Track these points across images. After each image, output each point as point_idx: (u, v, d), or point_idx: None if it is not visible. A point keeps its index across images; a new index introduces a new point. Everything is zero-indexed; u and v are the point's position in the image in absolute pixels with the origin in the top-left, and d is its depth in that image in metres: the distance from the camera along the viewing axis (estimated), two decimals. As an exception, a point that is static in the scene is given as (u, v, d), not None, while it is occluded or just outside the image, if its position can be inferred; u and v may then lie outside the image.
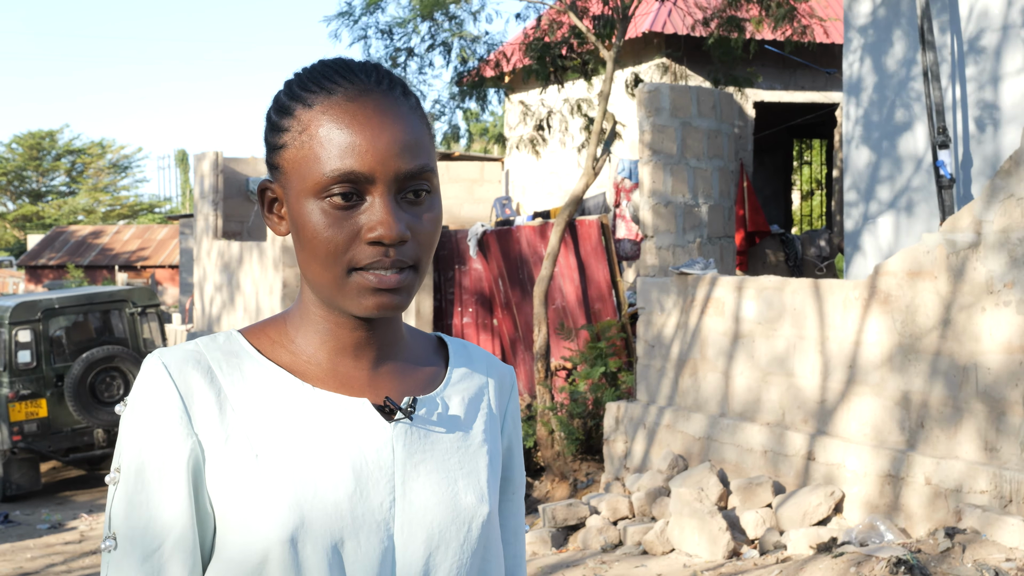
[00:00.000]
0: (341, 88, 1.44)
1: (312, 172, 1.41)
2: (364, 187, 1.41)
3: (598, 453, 11.04)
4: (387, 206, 1.41)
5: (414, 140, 1.44)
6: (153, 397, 1.42)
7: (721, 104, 12.28)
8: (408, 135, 1.44)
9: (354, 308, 1.44)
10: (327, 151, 1.41)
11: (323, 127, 1.42)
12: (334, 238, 1.41)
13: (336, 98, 1.43)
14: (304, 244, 1.44)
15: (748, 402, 8.86)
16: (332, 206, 1.41)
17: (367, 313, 1.44)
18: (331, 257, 1.42)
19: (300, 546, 1.39)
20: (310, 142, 1.42)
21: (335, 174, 1.40)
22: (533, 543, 8.59)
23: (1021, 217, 6.76)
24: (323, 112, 1.43)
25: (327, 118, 1.42)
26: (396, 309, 1.44)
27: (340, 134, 1.41)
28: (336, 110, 1.42)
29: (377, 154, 1.41)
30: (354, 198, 1.41)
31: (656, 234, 11.54)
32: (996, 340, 6.93)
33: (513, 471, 1.68)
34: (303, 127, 1.43)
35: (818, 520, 7.65)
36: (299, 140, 1.43)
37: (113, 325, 14.20)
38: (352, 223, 1.41)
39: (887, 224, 10.42)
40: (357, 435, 1.47)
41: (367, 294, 1.42)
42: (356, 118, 1.42)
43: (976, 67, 9.56)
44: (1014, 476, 6.63)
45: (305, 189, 1.42)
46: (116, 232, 40.70)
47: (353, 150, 1.40)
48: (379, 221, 1.40)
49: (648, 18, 15.51)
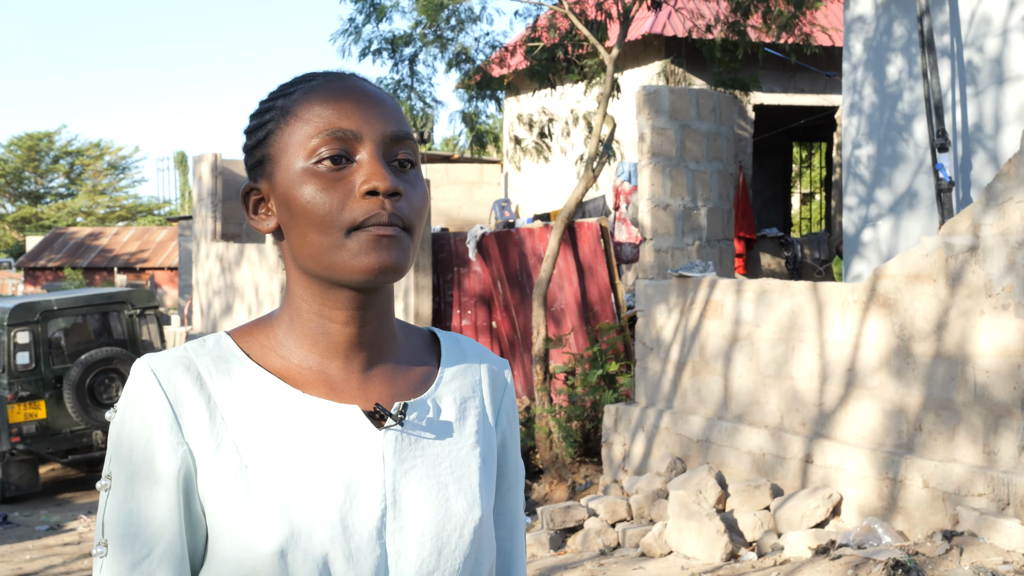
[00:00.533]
0: (320, 77, 1.49)
1: (300, 140, 1.44)
2: (352, 146, 1.44)
3: (596, 455, 11.04)
4: (378, 160, 1.43)
5: (395, 111, 1.49)
6: (143, 404, 1.41)
7: (720, 107, 12.29)
8: (389, 107, 1.48)
9: (354, 272, 1.42)
10: (313, 119, 1.44)
11: (307, 103, 1.46)
12: (329, 200, 1.42)
13: (316, 83, 1.48)
14: (297, 216, 1.44)
15: (746, 405, 8.86)
16: (325, 168, 1.43)
17: (369, 273, 1.42)
18: (328, 219, 1.42)
19: (290, 558, 1.38)
20: (295, 119, 1.45)
21: (324, 135, 1.43)
22: (531, 545, 8.60)
23: (1020, 220, 6.77)
24: (305, 94, 1.47)
25: (309, 97, 1.46)
26: (396, 269, 1.42)
27: (324, 103, 1.45)
28: (318, 90, 1.47)
29: (363, 115, 1.45)
30: (343, 160, 1.43)
31: (655, 237, 11.55)
32: (994, 344, 6.94)
33: (508, 467, 1.67)
34: (286, 111, 1.47)
35: (816, 523, 7.65)
36: (282, 122, 1.46)
37: (112, 327, 14.19)
38: (345, 183, 1.43)
39: (886, 227, 10.43)
40: (347, 443, 1.46)
41: (368, 250, 1.41)
42: (339, 91, 1.46)
43: (976, 70, 9.57)
44: (1012, 479, 6.64)
45: (294, 159, 1.44)
46: (115, 234, 40.69)
47: (339, 111, 1.44)
48: (371, 173, 1.42)
49: (647, 21, 15.52)
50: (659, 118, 11.53)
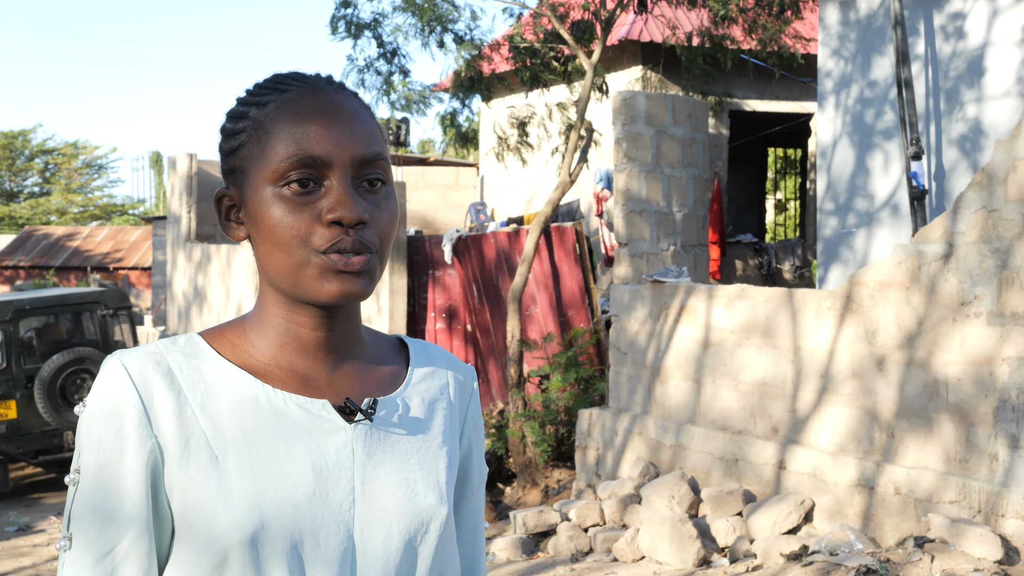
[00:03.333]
0: (294, 87, 1.49)
1: (269, 162, 1.44)
2: (321, 172, 1.44)
3: (570, 460, 11.04)
4: (345, 188, 1.43)
5: (367, 130, 1.48)
6: (113, 398, 1.42)
7: (696, 113, 12.31)
8: (361, 126, 1.48)
9: (317, 294, 1.44)
10: (283, 140, 1.44)
11: (278, 120, 1.45)
12: (295, 224, 1.42)
13: (289, 95, 1.47)
14: (264, 235, 1.45)
15: (720, 410, 8.88)
16: (291, 192, 1.43)
17: (330, 298, 1.44)
18: (293, 243, 1.43)
19: (260, 547, 1.40)
20: (266, 136, 1.45)
21: (292, 159, 1.43)
22: (504, 549, 8.58)
23: (992, 229, 6.80)
24: (277, 108, 1.46)
25: (281, 112, 1.46)
26: (359, 295, 1.45)
27: (295, 124, 1.44)
28: (290, 105, 1.46)
29: (332, 139, 1.44)
30: (311, 184, 1.43)
31: (630, 242, 11.55)
32: (966, 351, 6.97)
33: (472, 471, 1.69)
34: (258, 124, 1.47)
35: (788, 529, 7.67)
36: (255, 136, 1.46)
37: (84, 327, 14.09)
38: (312, 208, 1.43)
39: (861, 234, 10.46)
40: (317, 436, 1.47)
41: (330, 277, 1.43)
42: (310, 108, 1.46)
43: (951, 79, 9.62)
44: (983, 486, 6.67)
45: (263, 180, 1.44)
46: (89, 234, 40.46)
47: (308, 136, 1.43)
48: (337, 202, 1.42)
49: (625, 26, 15.53)
50: (635, 123, 11.53)
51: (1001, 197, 6.76)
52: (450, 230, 14.42)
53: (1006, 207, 6.73)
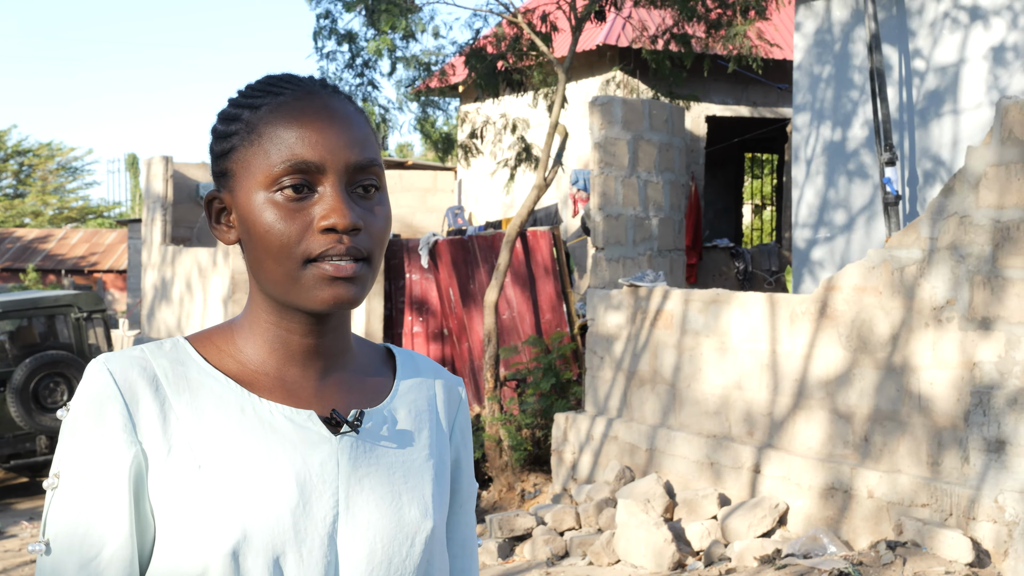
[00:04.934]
0: (288, 90, 1.46)
1: (262, 166, 1.42)
2: (315, 178, 1.42)
3: (546, 464, 11.05)
4: (339, 195, 1.41)
5: (362, 135, 1.46)
6: (97, 403, 1.40)
7: (673, 118, 12.34)
8: (356, 131, 1.46)
9: (309, 302, 1.43)
10: (277, 145, 1.42)
11: (272, 124, 1.43)
12: (287, 230, 1.41)
13: (283, 99, 1.45)
14: (256, 241, 1.43)
15: (696, 414, 8.90)
16: (284, 198, 1.41)
17: (322, 306, 1.42)
18: (285, 249, 1.41)
19: (241, 559, 1.38)
20: (259, 139, 1.43)
21: (286, 165, 1.41)
22: (480, 553, 8.58)
23: (965, 235, 6.85)
24: (271, 111, 1.44)
25: (275, 116, 1.44)
26: (351, 302, 1.43)
27: (289, 128, 1.42)
28: (284, 108, 1.44)
29: (327, 145, 1.42)
30: (305, 190, 1.41)
31: (607, 246, 11.58)
32: (939, 356, 7.01)
33: (462, 483, 1.67)
34: (251, 127, 1.44)
35: (763, 532, 7.70)
36: (248, 139, 1.44)
37: (58, 330, 13.99)
38: (305, 214, 1.41)
39: (836, 239, 10.52)
40: (302, 448, 1.46)
41: (323, 285, 1.41)
42: (305, 113, 1.43)
43: (926, 85, 9.68)
44: (955, 490, 6.71)
45: (256, 184, 1.42)
46: (63, 236, 40.25)
47: (303, 141, 1.41)
48: (331, 208, 1.40)
49: (602, 31, 15.57)
50: (612, 128, 11.55)
51: (973, 203, 6.81)
52: (427, 234, 14.41)
53: (977, 213, 6.78)
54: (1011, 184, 6.59)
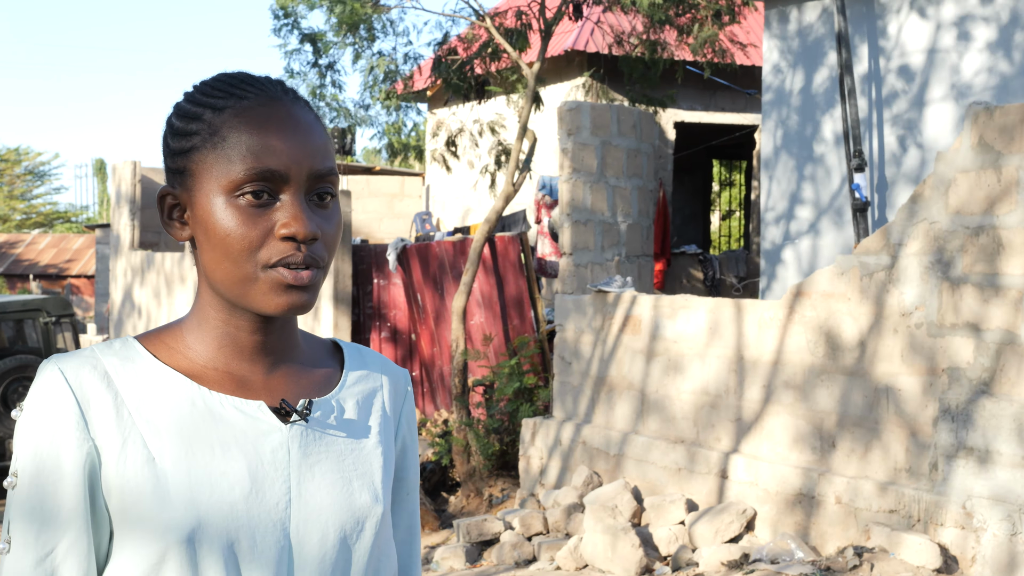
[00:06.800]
0: (252, 94, 1.49)
1: (225, 171, 1.44)
2: (278, 186, 1.45)
3: (514, 469, 11.01)
4: (299, 204, 1.45)
5: (322, 144, 1.50)
6: (49, 402, 1.42)
7: (641, 123, 12.36)
8: (316, 139, 1.49)
9: (264, 306, 1.46)
10: (242, 152, 1.44)
11: (236, 129, 1.45)
12: (248, 235, 1.43)
13: (247, 103, 1.47)
14: (215, 243, 1.45)
15: (663, 420, 8.89)
16: (246, 203, 1.44)
17: (277, 311, 1.46)
18: (244, 254, 1.44)
19: (197, 546, 1.42)
20: (223, 143, 1.45)
21: (252, 173, 1.43)
22: (447, 558, 8.55)
23: (933, 241, 6.87)
24: (235, 115, 1.46)
25: (239, 121, 1.46)
26: (304, 308, 1.47)
27: (255, 135, 1.45)
28: (249, 114, 1.46)
29: (291, 154, 1.45)
30: (265, 197, 1.45)
31: (575, 251, 11.57)
32: (907, 362, 7.02)
33: (407, 472, 1.72)
34: (214, 130, 1.46)
35: (730, 537, 7.69)
36: (210, 141, 1.45)
37: (26, 335, 13.90)
38: (265, 220, 1.44)
39: (804, 245, 10.54)
40: (253, 437, 1.49)
41: (279, 291, 1.45)
42: (270, 120, 1.46)
43: (895, 92, 9.72)
44: (922, 496, 6.72)
45: (217, 187, 1.45)
46: (31, 241, 39.97)
47: (269, 150, 1.44)
48: (292, 217, 1.44)
49: (571, 36, 15.57)
50: (580, 134, 11.56)
51: (942, 209, 6.83)
52: (395, 239, 14.37)
53: (946, 219, 6.79)
54: (980, 190, 6.61)
